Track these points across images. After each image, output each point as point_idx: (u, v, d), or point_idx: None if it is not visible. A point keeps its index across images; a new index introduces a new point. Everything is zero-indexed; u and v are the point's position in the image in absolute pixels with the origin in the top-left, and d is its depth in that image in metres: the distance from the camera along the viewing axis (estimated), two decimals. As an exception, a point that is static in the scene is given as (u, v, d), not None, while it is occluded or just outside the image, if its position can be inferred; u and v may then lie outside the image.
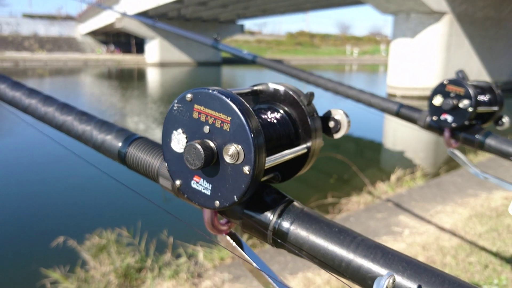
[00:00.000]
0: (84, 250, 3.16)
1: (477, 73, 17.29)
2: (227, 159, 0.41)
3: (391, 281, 0.34)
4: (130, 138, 0.58)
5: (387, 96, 9.92)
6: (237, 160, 0.40)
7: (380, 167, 7.97)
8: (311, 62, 47.64)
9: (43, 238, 3.92)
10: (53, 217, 4.88)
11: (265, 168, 0.42)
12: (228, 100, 0.41)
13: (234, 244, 0.49)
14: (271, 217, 0.44)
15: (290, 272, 2.77)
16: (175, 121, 0.45)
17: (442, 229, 3.50)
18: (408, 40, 16.57)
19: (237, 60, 41.79)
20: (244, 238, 2.89)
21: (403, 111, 1.20)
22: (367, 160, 8.50)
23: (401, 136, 10.40)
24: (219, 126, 0.42)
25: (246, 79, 28.17)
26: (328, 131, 0.52)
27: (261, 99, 0.53)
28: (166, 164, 0.47)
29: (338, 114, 0.51)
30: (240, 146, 0.40)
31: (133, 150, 0.57)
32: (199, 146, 0.41)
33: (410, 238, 3.29)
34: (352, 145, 9.06)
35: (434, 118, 1.11)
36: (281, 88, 0.51)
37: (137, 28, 34.76)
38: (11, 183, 6.07)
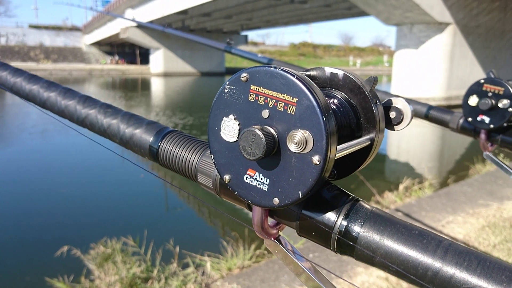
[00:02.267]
0: (89, 259, 3.09)
1: (481, 83, 17.20)
2: (292, 147, 0.35)
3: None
4: (163, 131, 0.52)
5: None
6: (304, 148, 0.34)
7: (387, 176, 7.88)
8: (314, 73, 47.55)
9: (48, 247, 3.85)
10: (57, 226, 4.81)
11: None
12: (294, 79, 0.35)
13: (284, 249, 0.43)
14: (336, 218, 0.38)
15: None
16: (226, 106, 0.39)
17: (454, 239, 3.41)
18: (411, 50, 16.57)
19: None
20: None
21: (433, 114, 1.14)
22: (373, 169, 8.41)
23: (407, 145, 10.32)
24: (282, 109, 0.36)
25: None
26: (388, 123, 0.46)
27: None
28: (212, 156, 0.41)
29: (400, 103, 0.45)
30: (308, 132, 0.34)
31: (166, 145, 0.51)
32: (259, 132, 0.35)
33: (423, 249, 3.21)
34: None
35: (469, 119, 1.05)
36: (340, 72, 0.45)
37: (142, 38, 35.00)
38: (15, 191, 6.02)
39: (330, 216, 0.39)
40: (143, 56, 44.26)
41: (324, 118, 0.34)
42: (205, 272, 2.96)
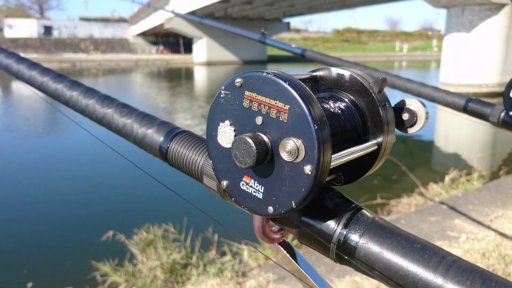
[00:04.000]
0: (132, 244, 3.22)
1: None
2: (284, 156, 0.34)
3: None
4: (173, 132, 0.53)
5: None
6: (296, 157, 0.33)
7: (432, 167, 7.58)
8: (359, 59, 46.43)
9: (94, 232, 4.06)
10: (103, 212, 5.05)
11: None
12: (286, 85, 0.34)
13: (288, 255, 0.42)
14: (336, 227, 0.37)
15: (336, 275, 2.66)
16: (222, 111, 0.38)
17: (503, 235, 3.23)
18: (463, 34, 15.68)
19: (283, 58, 41.65)
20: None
21: (472, 106, 1.07)
22: (417, 159, 8.10)
23: (455, 133, 9.84)
24: (275, 116, 0.35)
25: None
26: (401, 125, 0.43)
27: (321, 86, 0.45)
28: (211, 162, 0.40)
29: (413, 104, 0.43)
30: (300, 141, 0.33)
31: (175, 146, 0.51)
32: (250, 140, 0.34)
33: (467, 244, 3.07)
34: (400, 142, 8.66)
35: (511, 113, 0.98)
36: (346, 73, 0.43)
37: (185, 28, 35.51)
38: (63, 180, 6.36)
39: (330, 224, 0.37)
40: (187, 45, 44.96)
41: (316, 127, 0.32)
42: (242, 260, 3.00)
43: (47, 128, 10.73)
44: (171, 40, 48.73)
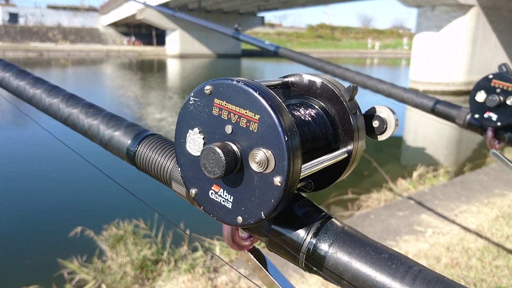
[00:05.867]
0: (101, 240, 3.15)
1: (504, 68, 16.68)
2: (254, 166, 0.33)
3: None
4: (141, 135, 0.51)
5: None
6: (266, 168, 0.33)
7: (401, 164, 7.78)
8: (332, 55, 46.99)
9: (61, 228, 3.94)
10: (70, 207, 4.92)
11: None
12: (256, 94, 0.33)
13: (257, 262, 0.42)
14: (305, 236, 0.37)
15: (306, 279, 2.69)
16: (191, 119, 0.37)
17: (467, 229, 3.36)
18: (432, 33, 16.11)
19: (257, 53, 41.59)
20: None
21: (440, 108, 1.10)
22: (387, 155, 8.30)
23: (423, 132, 10.13)
24: (244, 126, 0.34)
25: (267, 72, 28.10)
26: (371, 132, 0.44)
27: (293, 92, 0.45)
28: (179, 169, 0.39)
29: (383, 112, 0.43)
30: (270, 152, 0.33)
31: (143, 149, 0.49)
32: (219, 150, 0.33)
33: (433, 238, 3.17)
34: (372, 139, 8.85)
35: (476, 116, 1.00)
36: (318, 80, 0.42)
37: (158, 19, 34.89)
38: (28, 177, 6.15)
39: (299, 233, 0.37)
40: (160, 37, 44.21)
41: (287, 138, 0.32)
42: (214, 256, 2.99)
43: (8, 125, 10.34)
44: (143, 32, 47.78)
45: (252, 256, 0.42)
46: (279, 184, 0.33)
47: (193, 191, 0.39)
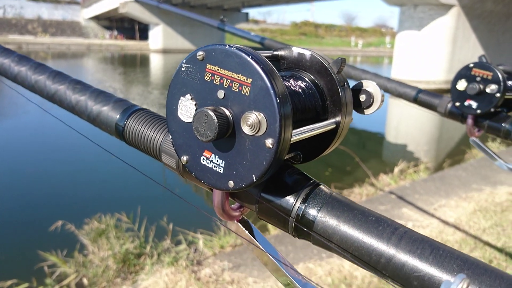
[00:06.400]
0: (83, 234, 3.11)
1: (483, 67, 17.06)
2: (246, 129, 0.34)
3: (464, 286, 0.27)
4: (130, 109, 0.51)
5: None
6: (258, 131, 0.33)
7: (383, 159, 7.90)
8: (315, 53, 47.08)
9: (41, 222, 3.88)
10: (51, 201, 4.83)
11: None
12: (248, 58, 0.34)
13: (246, 231, 0.42)
14: (294, 202, 0.38)
15: (291, 262, 2.72)
16: (183, 85, 0.38)
17: (445, 223, 3.44)
18: (414, 32, 16.36)
19: (241, 49, 41.41)
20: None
21: (422, 97, 1.12)
22: (369, 151, 8.42)
23: (405, 129, 10.30)
24: (237, 90, 0.34)
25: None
26: (358, 106, 0.45)
27: (282, 65, 0.45)
28: (170, 137, 0.40)
29: (370, 86, 0.44)
30: (262, 114, 0.33)
31: (132, 123, 0.49)
32: (211, 113, 0.34)
33: (413, 231, 3.24)
34: (355, 135, 8.97)
35: (457, 104, 1.03)
36: (307, 53, 0.43)
37: (141, 14, 34.43)
38: (7, 166, 6.01)
39: (289, 199, 0.38)
40: (142, 31, 43.64)
41: (278, 101, 0.33)
42: (197, 249, 2.98)
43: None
44: (126, 26, 47.08)
45: (241, 226, 0.43)
46: (271, 146, 0.33)
47: (184, 158, 0.39)
